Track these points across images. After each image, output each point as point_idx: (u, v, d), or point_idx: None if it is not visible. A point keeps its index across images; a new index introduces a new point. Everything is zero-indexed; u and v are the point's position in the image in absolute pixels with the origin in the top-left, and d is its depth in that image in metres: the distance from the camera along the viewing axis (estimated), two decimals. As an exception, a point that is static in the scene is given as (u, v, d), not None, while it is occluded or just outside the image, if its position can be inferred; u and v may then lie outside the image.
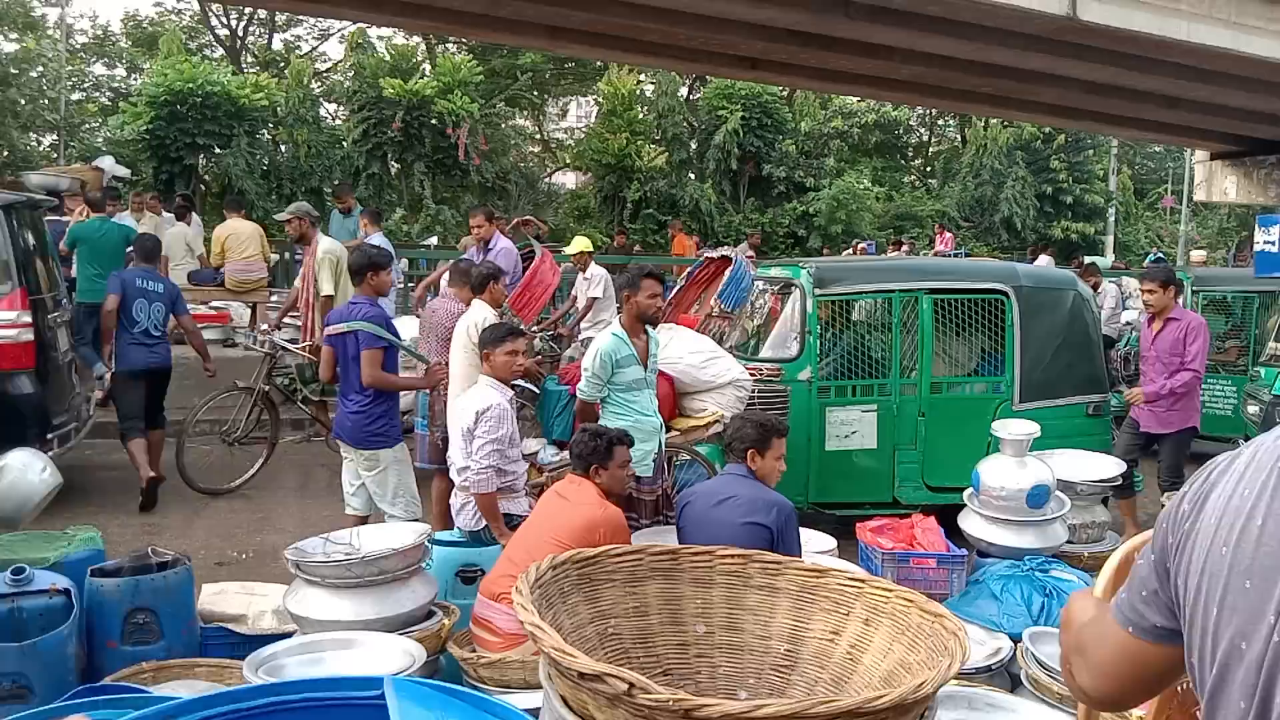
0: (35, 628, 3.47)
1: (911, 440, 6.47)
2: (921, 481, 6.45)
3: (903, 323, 6.51)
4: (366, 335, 5.02)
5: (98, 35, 24.41)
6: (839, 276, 6.63)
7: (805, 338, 6.33)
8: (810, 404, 6.26)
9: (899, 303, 6.52)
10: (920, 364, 6.51)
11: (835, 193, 19.26)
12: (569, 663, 1.47)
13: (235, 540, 6.21)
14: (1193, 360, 6.16)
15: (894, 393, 6.46)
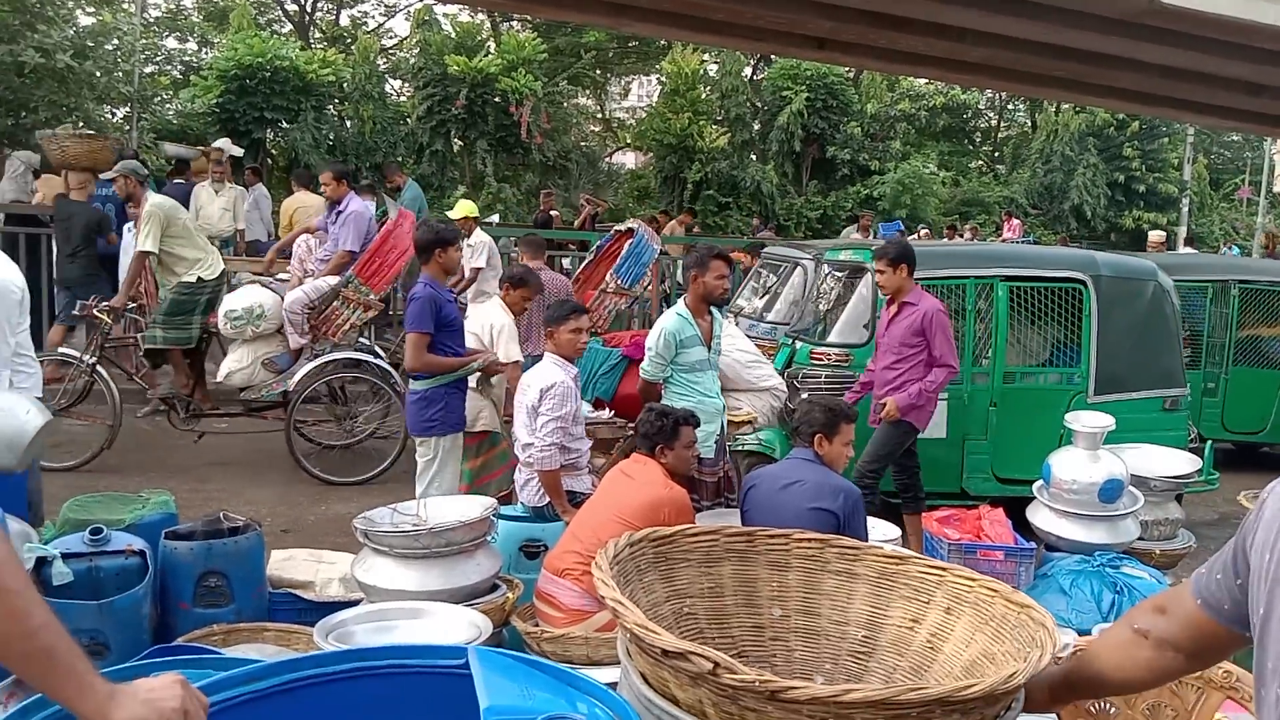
0: (112, 587, 3.55)
1: (982, 430, 6.37)
2: (991, 473, 6.35)
3: (976, 310, 6.39)
4: (411, 317, 4.98)
5: (170, 9, 24.85)
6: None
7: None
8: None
9: (973, 289, 6.40)
10: (994, 353, 6.40)
11: (900, 176, 18.98)
12: (652, 640, 1.46)
13: (300, 508, 6.33)
14: (946, 355, 5.51)
15: (965, 381, 6.35)
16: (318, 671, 1.62)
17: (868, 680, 1.93)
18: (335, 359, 7.05)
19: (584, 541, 3.77)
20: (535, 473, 4.60)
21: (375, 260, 7.07)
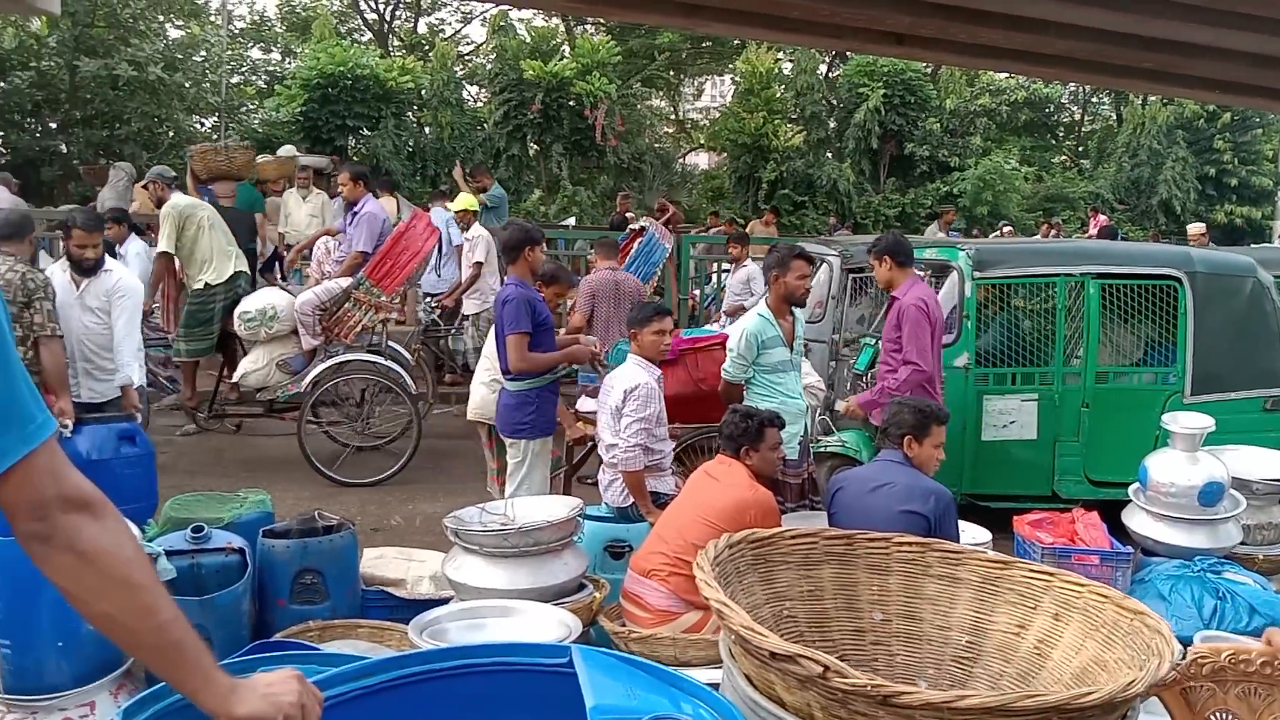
0: (213, 583, 3.66)
1: (1074, 432, 6.23)
2: (1083, 475, 6.21)
3: (1067, 308, 6.25)
4: (509, 319, 5.00)
5: (255, 20, 25.53)
6: (999, 259, 6.41)
7: (962, 322, 6.14)
8: (966, 391, 6.08)
9: (1063, 287, 6.26)
10: (1085, 352, 6.25)
11: (981, 173, 18.60)
12: (759, 642, 1.45)
13: (388, 507, 6.45)
14: (909, 352, 5.06)
15: (1056, 382, 6.21)
16: (425, 668, 1.65)
17: (973, 686, 1.90)
18: (347, 360, 7.07)
19: (670, 543, 3.77)
20: (619, 473, 4.61)
21: (387, 261, 7.08)
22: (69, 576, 1.28)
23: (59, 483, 1.29)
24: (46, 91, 17.08)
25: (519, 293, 5.04)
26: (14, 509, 1.27)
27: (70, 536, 1.27)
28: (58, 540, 1.27)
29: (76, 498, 1.29)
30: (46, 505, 1.27)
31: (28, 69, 16.65)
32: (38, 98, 17.05)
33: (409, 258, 7.11)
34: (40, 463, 1.26)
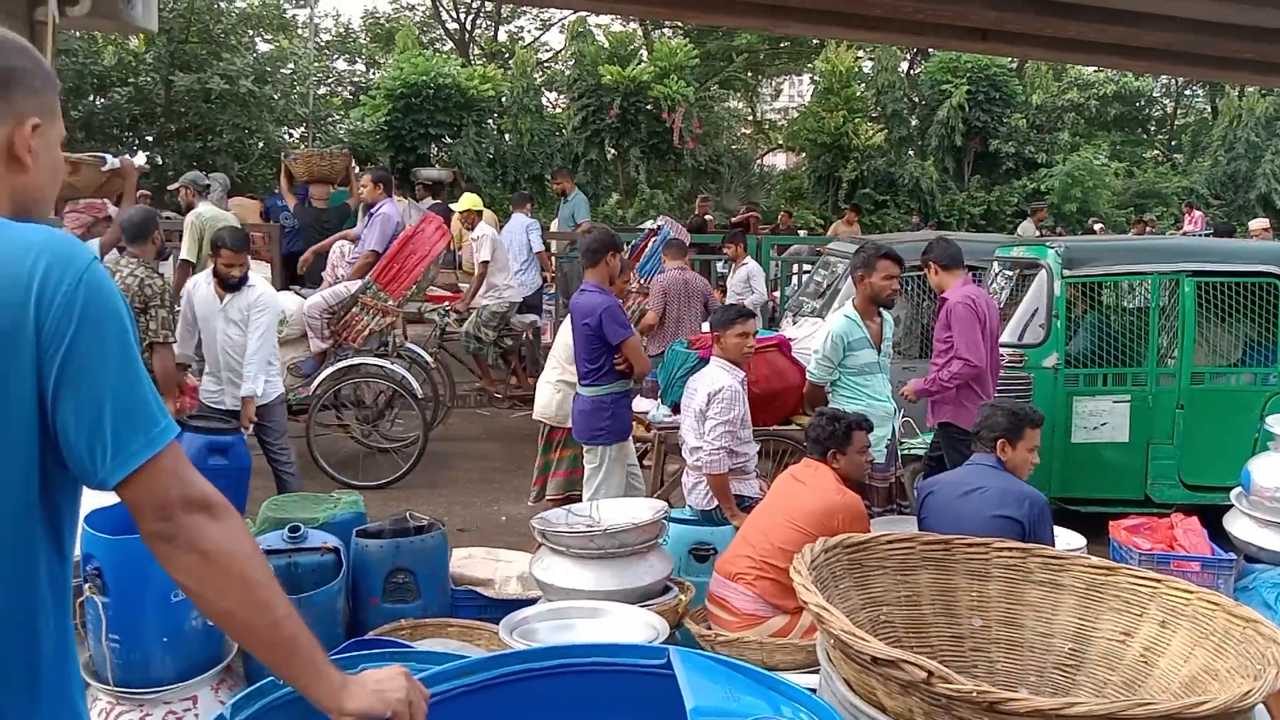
0: (309, 582, 3.75)
1: (1168, 434, 6.04)
2: (1178, 479, 6.01)
3: (1161, 307, 6.06)
4: (617, 325, 4.98)
5: (340, 33, 26.15)
6: (1090, 257, 6.25)
7: (1051, 322, 6.00)
8: (1055, 393, 5.94)
9: (1157, 286, 6.07)
10: (1180, 352, 6.06)
11: (1069, 169, 18.15)
12: (861, 646, 1.44)
13: (474, 509, 6.55)
14: (960, 348, 5.06)
15: (1149, 383, 6.03)
16: (524, 667, 1.67)
17: (1077, 694, 1.86)
18: (354, 365, 7.07)
19: (756, 546, 3.76)
20: (703, 476, 4.61)
21: (394, 265, 7.07)
22: (191, 575, 1.34)
23: (182, 485, 1.34)
24: (143, 106, 17.74)
25: (607, 299, 5.04)
26: (139, 509, 1.33)
27: (192, 536, 1.33)
28: (180, 540, 1.33)
29: (198, 499, 1.34)
30: (170, 506, 1.32)
31: (126, 85, 17.31)
32: (135, 112, 17.72)
33: (416, 261, 7.10)
34: (164, 465, 1.32)
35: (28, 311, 1.25)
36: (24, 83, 1.39)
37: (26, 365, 1.26)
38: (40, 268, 1.26)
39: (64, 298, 1.26)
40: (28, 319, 1.25)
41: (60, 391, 1.27)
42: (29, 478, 1.29)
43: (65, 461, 1.31)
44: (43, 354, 1.26)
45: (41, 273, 1.26)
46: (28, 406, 1.27)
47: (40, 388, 1.27)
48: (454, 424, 8.82)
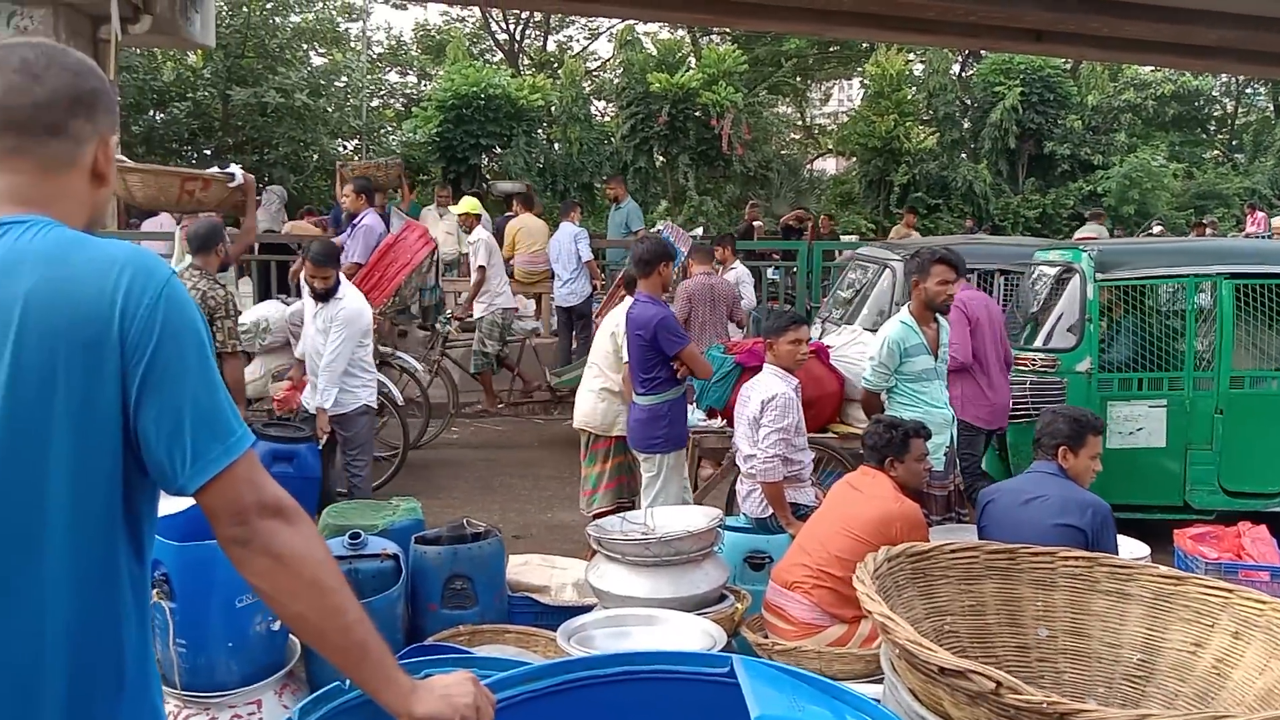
0: (369, 588, 3.79)
1: (1207, 439, 5.91)
2: (1218, 485, 5.88)
3: (1198, 310, 5.96)
4: (674, 334, 4.99)
5: (392, 46, 26.53)
6: (1123, 260, 6.16)
7: (1085, 326, 5.92)
8: (1089, 398, 5.84)
9: (1193, 288, 5.97)
10: (1218, 356, 5.93)
11: (1127, 170, 17.83)
12: (928, 656, 1.43)
13: (527, 515, 6.59)
14: (956, 349, 5.28)
15: (1187, 387, 5.93)
16: (589, 674, 1.69)
17: (1147, 706, 1.82)
18: None
19: (812, 555, 3.74)
20: (758, 484, 4.60)
21: (375, 273, 7.07)
22: (265, 579, 1.37)
23: (257, 491, 1.38)
24: (202, 120, 18.14)
25: (660, 309, 5.06)
26: (216, 515, 1.38)
27: (267, 541, 1.37)
28: (255, 544, 1.37)
29: (273, 505, 1.38)
30: (246, 512, 1.36)
31: (185, 100, 17.72)
32: (194, 126, 18.13)
33: (398, 269, 7.13)
34: (240, 472, 1.36)
35: (112, 324, 1.30)
36: (103, 102, 1.46)
37: (111, 375, 1.31)
38: (124, 282, 1.32)
39: (146, 310, 1.32)
40: (112, 331, 1.30)
41: (142, 400, 1.32)
42: (113, 483, 1.34)
43: (146, 468, 1.36)
44: (126, 364, 1.31)
45: (125, 287, 1.32)
46: (113, 414, 1.32)
47: (124, 397, 1.32)
48: (506, 431, 8.89)
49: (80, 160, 1.44)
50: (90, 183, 1.46)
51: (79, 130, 1.42)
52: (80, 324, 1.29)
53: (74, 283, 1.31)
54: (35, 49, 1.41)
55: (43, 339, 1.29)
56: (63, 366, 1.29)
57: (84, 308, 1.30)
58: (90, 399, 1.30)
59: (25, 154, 1.39)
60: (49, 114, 1.39)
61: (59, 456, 1.30)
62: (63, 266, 1.32)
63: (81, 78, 1.42)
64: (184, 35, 9.05)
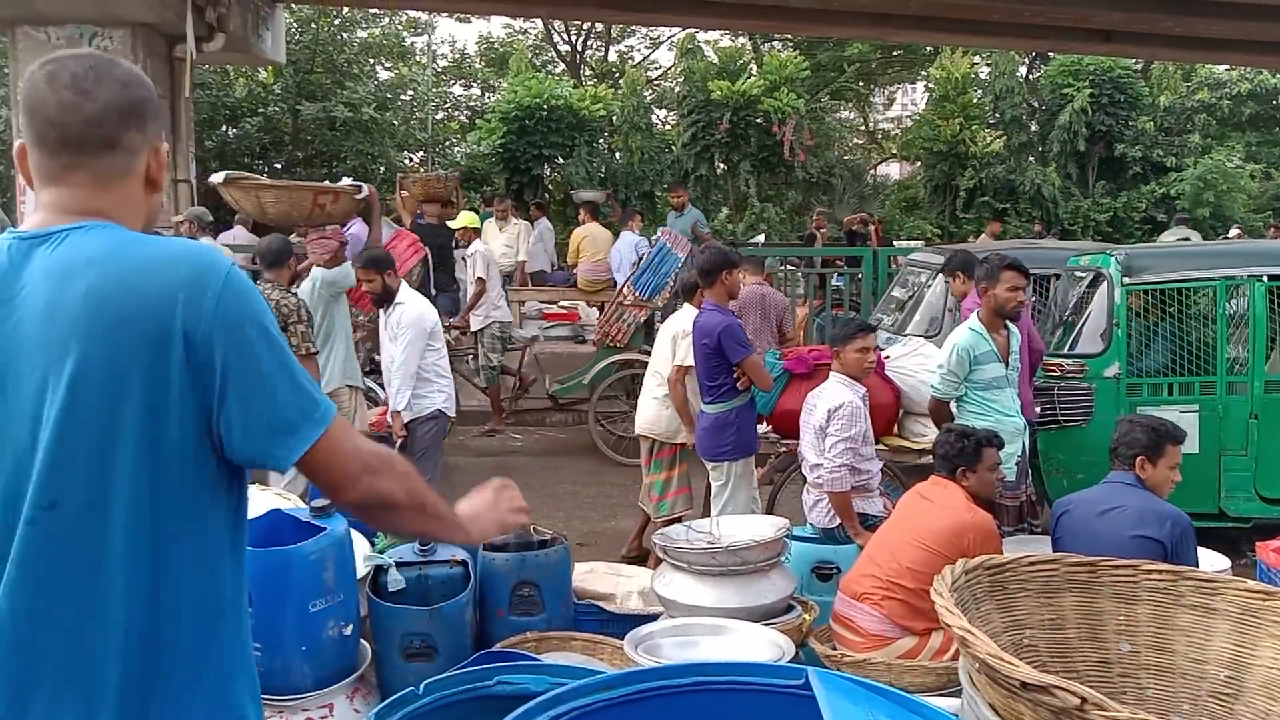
0: (439, 594, 3.84)
1: (1241, 445, 5.77)
2: (1254, 491, 5.73)
3: (1230, 314, 5.81)
4: (738, 344, 5.00)
5: (456, 59, 26.88)
6: (1151, 264, 6.05)
7: (1113, 330, 5.79)
8: (1118, 403, 5.76)
9: (1224, 291, 5.81)
10: (1252, 360, 5.77)
11: (1201, 172, 17.34)
12: (1009, 671, 1.41)
13: (590, 522, 6.61)
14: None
15: (1219, 392, 5.79)
16: (664, 684, 1.69)
17: (1236, 726, 1.77)
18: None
19: (882, 566, 3.70)
20: (825, 494, 4.56)
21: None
22: (383, 522, 1.68)
23: (358, 451, 1.49)
24: (272, 135, 18.55)
25: (726, 319, 5.06)
26: (319, 481, 1.49)
27: (375, 493, 1.49)
28: (367, 501, 1.50)
29: (370, 462, 1.49)
30: (348, 475, 1.47)
31: (256, 115, 18.14)
32: (264, 141, 18.54)
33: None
34: (334, 439, 1.45)
35: (175, 317, 1.34)
36: (151, 110, 1.50)
37: (178, 366, 1.35)
38: (184, 276, 1.36)
39: (211, 302, 1.36)
40: (175, 324, 1.34)
41: (225, 389, 1.38)
42: (186, 470, 1.39)
43: (232, 454, 1.41)
44: (195, 355, 1.36)
45: (186, 281, 1.36)
46: (185, 406, 1.37)
47: (198, 389, 1.37)
48: (568, 439, 8.94)
49: (135, 169, 1.48)
50: (144, 189, 1.50)
51: (131, 142, 1.46)
52: (143, 318, 1.34)
53: (134, 278, 1.35)
54: (83, 63, 1.44)
55: (106, 334, 1.33)
56: (127, 361, 1.33)
57: (146, 302, 1.34)
58: (157, 392, 1.35)
59: (81, 169, 1.43)
60: (101, 129, 1.42)
61: (126, 448, 1.34)
62: (122, 264, 1.36)
63: (130, 88, 1.45)
64: (256, 52, 9.30)
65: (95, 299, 1.33)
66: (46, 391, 1.33)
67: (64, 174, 1.43)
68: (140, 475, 1.35)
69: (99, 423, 1.33)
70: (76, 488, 1.34)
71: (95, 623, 1.35)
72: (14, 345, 1.35)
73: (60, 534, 1.34)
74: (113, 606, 1.35)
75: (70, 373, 1.32)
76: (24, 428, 1.34)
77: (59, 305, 1.34)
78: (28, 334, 1.35)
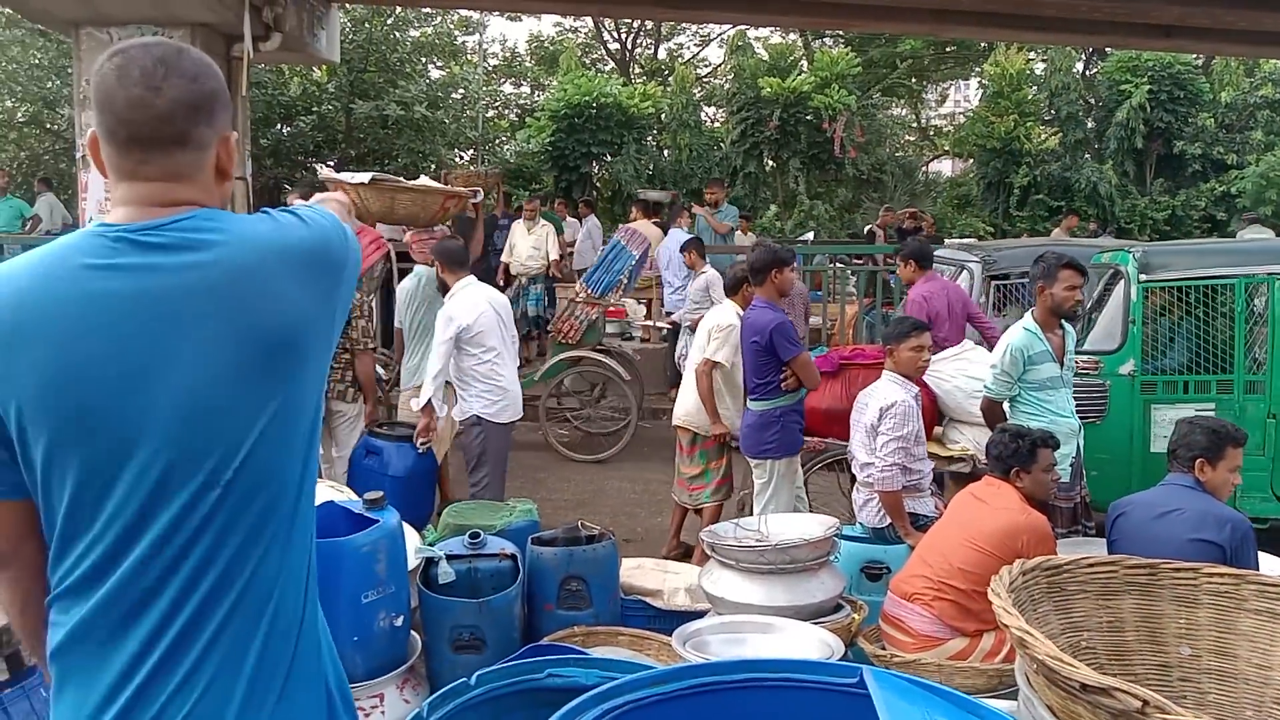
0: (488, 587, 3.87)
1: (1259, 445, 5.64)
2: (1271, 491, 5.61)
3: (1249, 312, 5.69)
4: (789, 341, 4.99)
5: (507, 57, 27.04)
6: (1169, 261, 5.97)
7: (1128, 327, 5.69)
8: (1132, 401, 5.68)
9: (1241, 289, 5.70)
10: (1271, 359, 5.65)
11: (1263, 170, 16.91)
12: (1069, 673, 1.39)
13: (637, 519, 6.62)
14: None
15: (1237, 391, 5.69)
16: (716, 679, 1.69)
17: (1302, 734, 1.73)
18: None
19: (933, 566, 3.66)
20: (875, 493, 4.52)
21: None
22: None
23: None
24: (325, 133, 18.78)
25: (777, 316, 5.06)
26: None
27: None
28: None
29: None
30: None
31: (310, 114, 18.37)
32: (318, 139, 18.77)
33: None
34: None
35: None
36: (220, 102, 1.50)
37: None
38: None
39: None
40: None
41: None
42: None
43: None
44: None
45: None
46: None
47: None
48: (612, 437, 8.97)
49: (206, 163, 1.49)
50: (215, 179, 1.52)
51: (201, 137, 1.47)
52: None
53: (249, 255, 1.41)
54: (152, 55, 1.43)
55: (222, 321, 1.37)
56: (250, 352, 1.38)
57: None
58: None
59: (153, 165, 1.44)
60: (171, 126, 1.43)
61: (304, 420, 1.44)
62: (233, 245, 1.41)
63: (198, 82, 1.46)
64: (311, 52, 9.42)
65: (217, 280, 1.38)
66: (208, 367, 1.36)
67: (138, 169, 1.44)
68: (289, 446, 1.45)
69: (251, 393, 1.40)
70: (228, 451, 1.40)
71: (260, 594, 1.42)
72: (164, 321, 1.37)
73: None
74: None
75: (218, 358, 1.37)
76: (187, 403, 1.36)
77: (202, 287, 1.37)
78: (172, 314, 1.37)
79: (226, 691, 1.35)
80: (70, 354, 1.34)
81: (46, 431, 1.34)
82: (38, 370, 1.34)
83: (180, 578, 1.36)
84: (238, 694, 1.36)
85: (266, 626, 1.39)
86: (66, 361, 1.34)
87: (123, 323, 1.34)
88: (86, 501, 1.36)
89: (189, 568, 1.36)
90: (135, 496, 1.35)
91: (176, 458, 1.35)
